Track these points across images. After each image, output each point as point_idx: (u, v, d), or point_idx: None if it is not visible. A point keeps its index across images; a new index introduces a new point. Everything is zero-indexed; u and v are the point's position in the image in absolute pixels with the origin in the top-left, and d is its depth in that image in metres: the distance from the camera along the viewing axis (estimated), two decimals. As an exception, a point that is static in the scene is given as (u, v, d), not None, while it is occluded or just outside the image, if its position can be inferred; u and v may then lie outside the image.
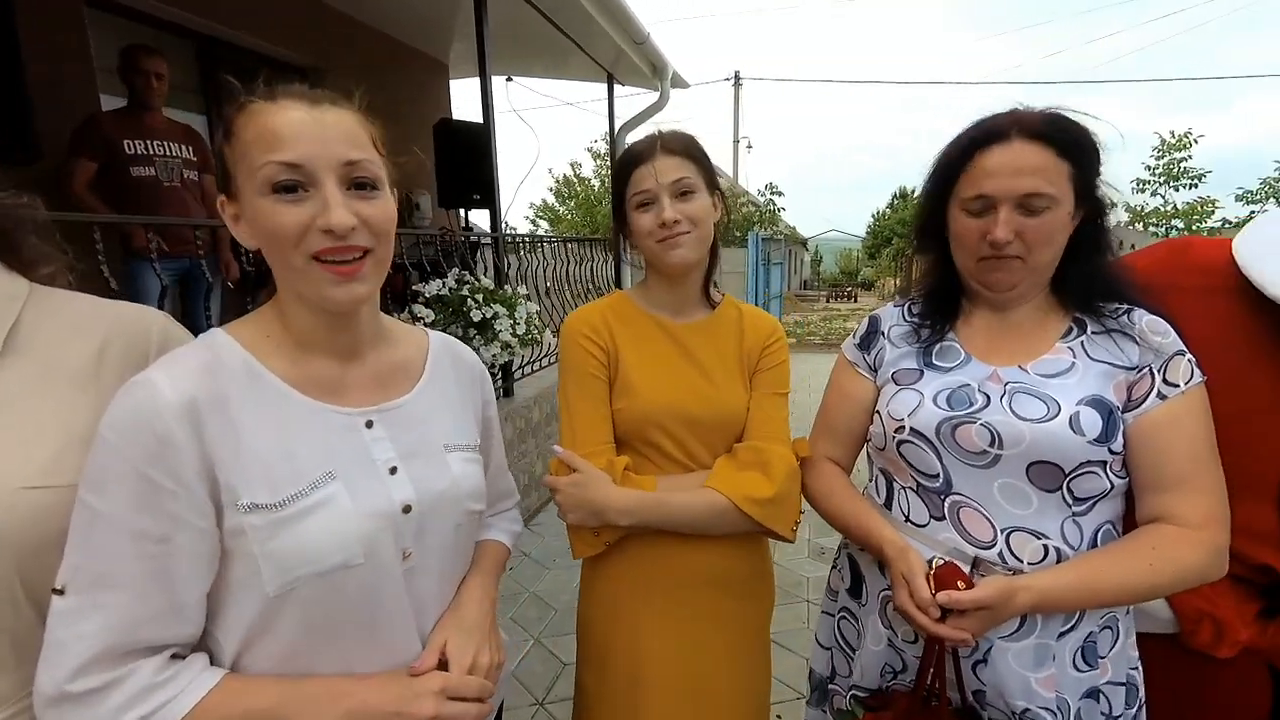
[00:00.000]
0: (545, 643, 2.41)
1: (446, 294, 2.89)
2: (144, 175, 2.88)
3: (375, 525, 0.68)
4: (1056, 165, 0.85)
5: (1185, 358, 0.85)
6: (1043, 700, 0.86)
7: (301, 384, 0.70)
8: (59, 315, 0.70)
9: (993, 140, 0.87)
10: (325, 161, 0.64)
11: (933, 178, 0.96)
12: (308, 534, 0.64)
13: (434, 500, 0.74)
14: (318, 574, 0.64)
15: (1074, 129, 0.87)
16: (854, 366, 1.09)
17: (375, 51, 4.97)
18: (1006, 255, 0.87)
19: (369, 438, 0.72)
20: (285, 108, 0.64)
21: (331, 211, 0.63)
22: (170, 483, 0.60)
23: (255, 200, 0.64)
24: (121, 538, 0.59)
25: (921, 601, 0.83)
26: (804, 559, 3.04)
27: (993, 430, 0.87)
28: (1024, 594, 0.80)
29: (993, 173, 0.86)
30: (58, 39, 2.98)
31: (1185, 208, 10.52)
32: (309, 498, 0.65)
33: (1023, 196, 0.85)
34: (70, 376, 0.67)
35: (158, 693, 0.59)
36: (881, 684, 1.00)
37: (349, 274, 0.66)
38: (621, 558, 1.07)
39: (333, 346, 0.73)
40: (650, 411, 1.03)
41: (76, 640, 0.57)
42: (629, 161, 1.04)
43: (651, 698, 1.03)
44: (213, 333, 0.70)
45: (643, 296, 1.12)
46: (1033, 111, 0.88)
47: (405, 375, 0.80)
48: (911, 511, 0.96)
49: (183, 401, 0.61)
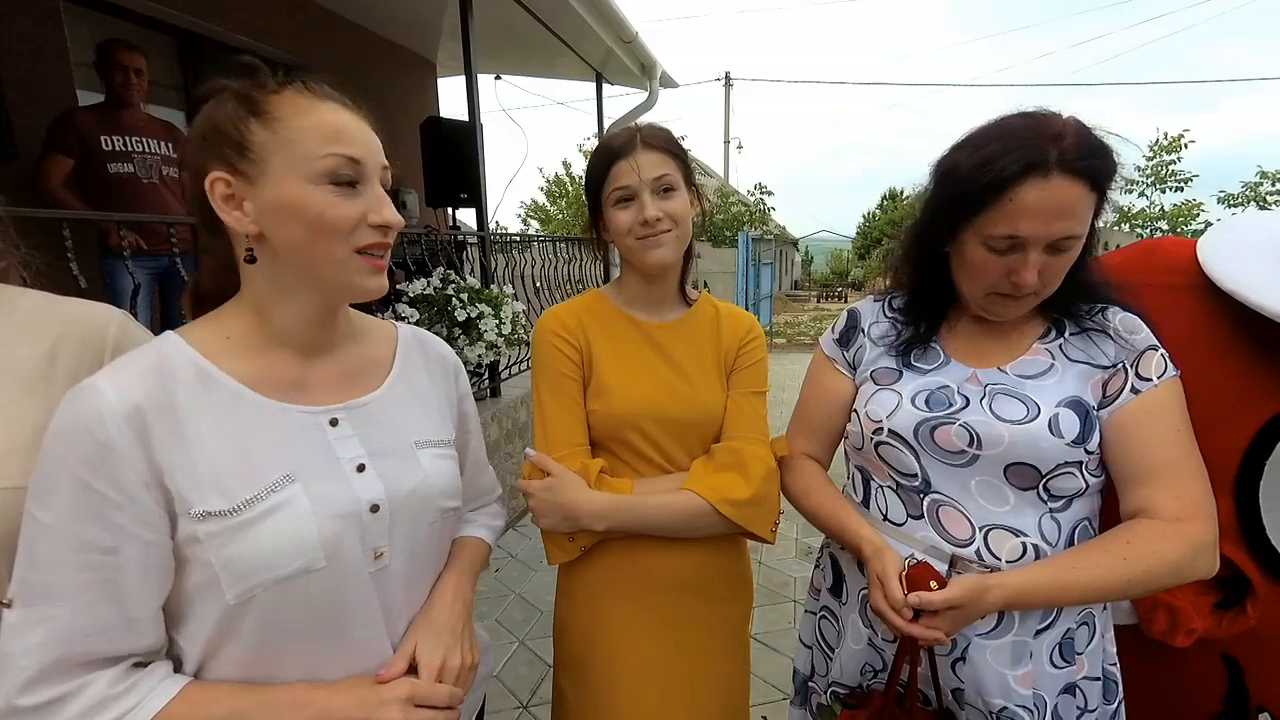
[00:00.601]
0: (530, 645, 2.39)
1: (431, 293, 2.86)
2: (122, 172, 2.83)
3: (338, 527, 0.67)
4: (1088, 200, 0.79)
5: (1158, 352, 0.85)
6: (1020, 698, 0.86)
7: (259, 384, 0.68)
8: (9, 312, 0.68)
9: (1031, 172, 0.77)
10: (374, 163, 0.69)
11: (952, 199, 0.85)
12: (264, 540, 0.62)
13: (404, 498, 0.73)
14: (276, 580, 0.63)
15: (1109, 159, 0.80)
16: (832, 363, 1.08)
17: (360, 48, 4.92)
18: (1025, 294, 0.84)
19: (333, 436, 0.71)
20: (336, 109, 0.68)
21: (386, 209, 0.68)
22: (114, 492, 0.58)
23: (300, 187, 0.64)
24: (65, 549, 0.58)
25: (894, 602, 0.82)
26: (791, 559, 3.04)
27: (972, 431, 0.87)
28: (996, 592, 0.80)
29: (1029, 214, 0.78)
30: (34, 34, 2.92)
31: (1171, 210, 10.64)
32: (265, 502, 0.63)
33: (1056, 241, 0.80)
34: (19, 377, 0.65)
35: (115, 704, 0.58)
36: (862, 683, 1.00)
37: (381, 267, 0.70)
38: (598, 562, 1.05)
39: (307, 342, 0.72)
40: (625, 412, 1.02)
41: (23, 654, 0.56)
42: (608, 155, 1.00)
43: (628, 702, 1.02)
44: (164, 336, 0.68)
45: (618, 295, 1.11)
46: (1071, 134, 0.78)
47: (374, 370, 0.79)
48: (889, 510, 0.95)
49: (127, 408, 0.59)
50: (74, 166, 2.73)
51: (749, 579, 1.16)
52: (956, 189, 0.83)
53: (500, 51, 5.16)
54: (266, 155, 0.64)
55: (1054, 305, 0.91)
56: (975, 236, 0.83)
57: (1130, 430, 0.83)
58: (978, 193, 0.80)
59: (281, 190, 0.64)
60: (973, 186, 0.80)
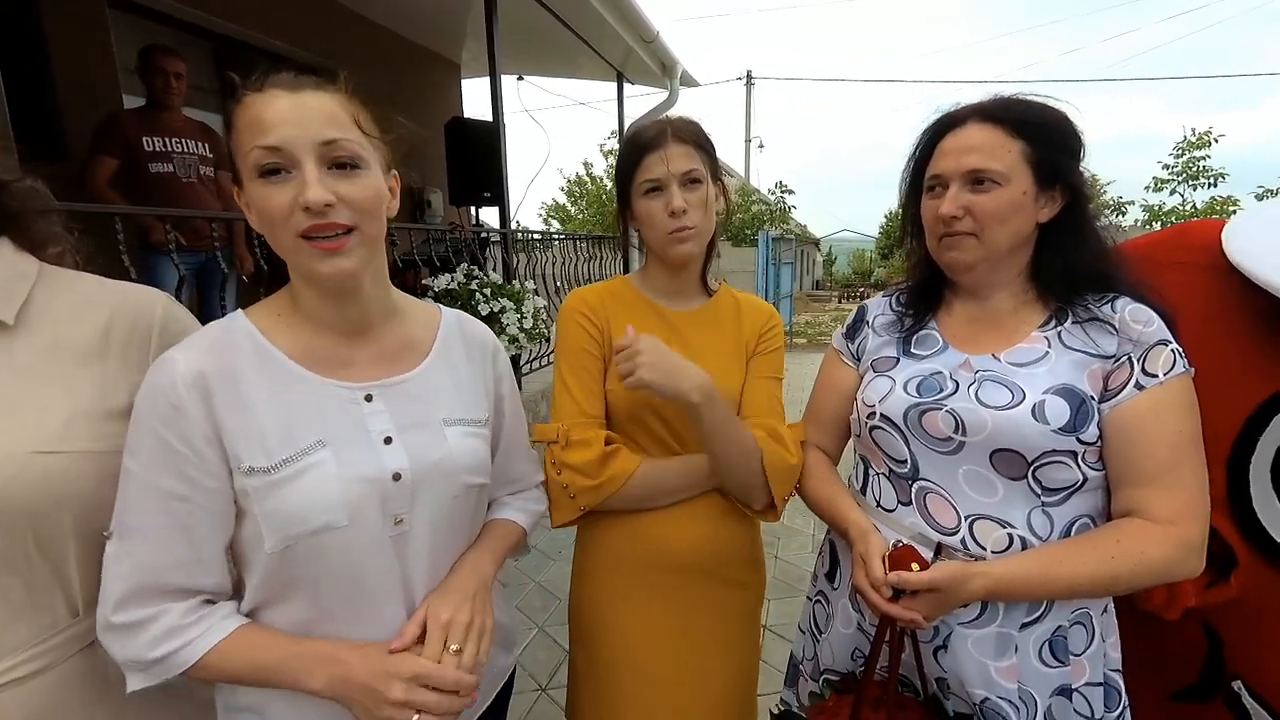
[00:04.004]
0: (549, 631, 2.45)
1: (455, 288, 2.93)
2: (163, 171, 2.95)
3: (360, 490, 0.72)
4: (1006, 142, 0.87)
5: (1168, 348, 0.83)
6: (1003, 690, 0.85)
7: (306, 359, 0.75)
8: (67, 294, 0.73)
9: (951, 126, 0.92)
10: (304, 143, 0.67)
11: (906, 169, 1.00)
12: (295, 495, 0.69)
13: (427, 469, 0.77)
14: (307, 533, 0.70)
15: (1029, 109, 0.89)
16: (839, 355, 1.11)
17: (388, 51, 5.03)
18: (958, 232, 0.89)
19: (367, 410, 0.76)
20: (271, 96, 0.68)
21: (308, 189, 0.66)
22: (184, 447, 0.67)
23: (250, 185, 0.69)
24: (148, 495, 0.67)
25: (875, 580, 0.84)
26: (807, 554, 3.05)
27: (957, 417, 0.87)
28: (979, 579, 0.80)
29: (945, 153, 0.91)
30: (83, 40, 3.05)
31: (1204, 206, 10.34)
32: (299, 462, 0.70)
33: (968, 172, 0.87)
34: (77, 352, 0.71)
35: (182, 634, 0.67)
36: (853, 668, 1.01)
37: (332, 249, 0.69)
38: (609, 541, 1.09)
39: (339, 323, 0.77)
40: (642, 395, 1.04)
41: (115, 580, 0.67)
42: (639, 147, 1.03)
43: (635, 678, 1.05)
44: (233, 315, 0.76)
45: (643, 283, 1.14)
46: (991, 97, 0.92)
47: (413, 351, 0.84)
48: (882, 497, 0.97)
49: (193, 374, 0.68)
50: (118, 167, 2.85)
51: (760, 564, 1.18)
52: (910, 161, 1.00)
53: (522, 52, 5.23)
54: (238, 164, 0.70)
55: (1058, 294, 0.91)
56: (924, 194, 0.96)
57: (1130, 429, 0.81)
58: (920, 152, 0.97)
59: (247, 191, 0.70)
60: (916, 149, 0.98)
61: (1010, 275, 0.94)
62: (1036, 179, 0.87)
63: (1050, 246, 0.92)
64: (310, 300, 0.75)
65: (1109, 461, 0.85)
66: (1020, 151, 0.86)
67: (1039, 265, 0.93)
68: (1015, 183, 0.86)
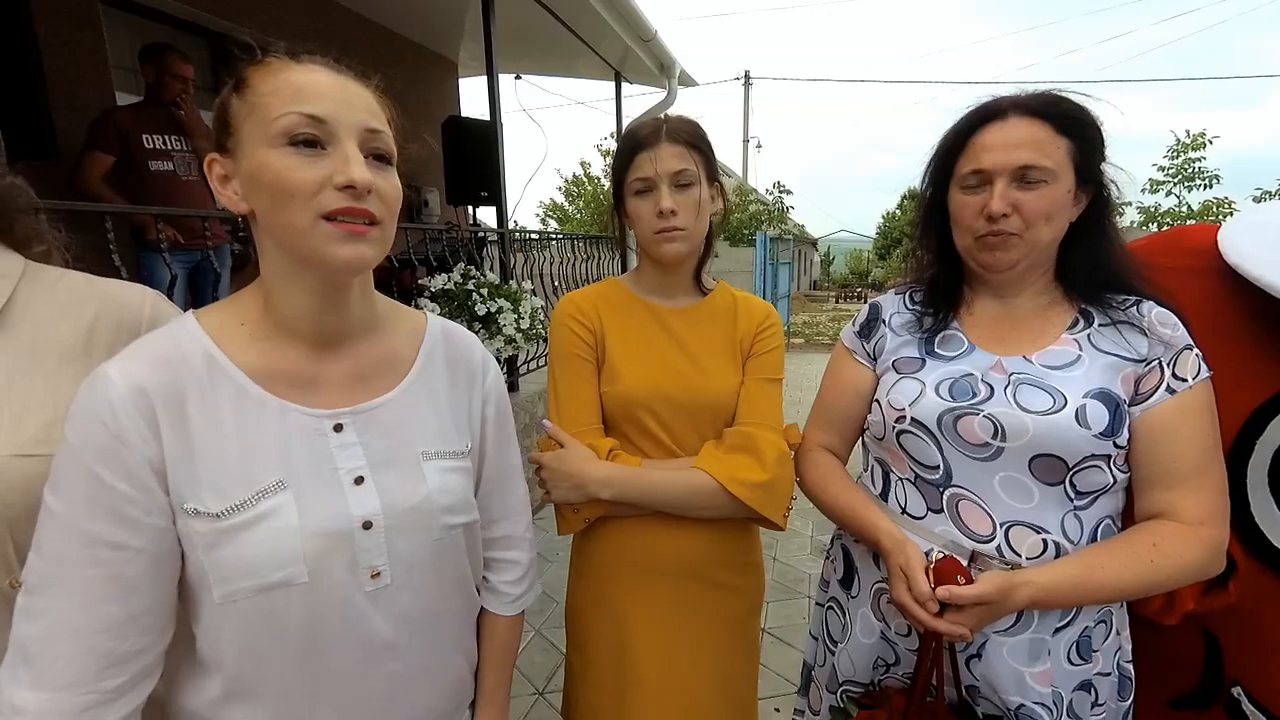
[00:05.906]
0: (546, 634, 2.44)
1: (452, 288, 2.91)
2: (163, 169, 2.93)
3: (323, 545, 0.63)
4: (1054, 140, 0.85)
5: (1194, 352, 0.84)
6: (1038, 695, 0.85)
7: (267, 378, 0.65)
8: (52, 292, 0.71)
9: (990, 119, 0.88)
10: (349, 122, 0.61)
11: (933, 161, 0.97)
12: (248, 547, 0.60)
13: (402, 515, 0.69)
14: (259, 589, 0.61)
15: (1072, 106, 0.87)
16: (852, 354, 1.08)
17: (385, 49, 5.01)
18: (1004, 231, 0.86)
19: (335, 443, 0.67)
20: (310, 68, 0.62)
21: (352, 167, 0.59)
22: (125, 485, 0.57)
23: (263, 153, 0.59)
24: (72, 539, 0.57)
25: (920, 595, 0.81)
26: (805, 555, 3.04)
27: (995, 422, 0.85)
28: (1024, 589, 0.79)
29: (989, 148, 0.87)
30: (74, 37, 3.03)
31: (1200, 208, 10.37)
32: (254, 508, 0.61)
33: (1019, 169, 0.84)
34: (60, 352, 0.69)
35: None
36: (874, 677, 0.99)
37: (359, 232, 0.61)
38: (604, 543, 1.08)
39: (315, 331, 0.67)
40: (635, 395, 1.04)
41: (30, 642, 0.56)
42: (632, 145, 1.02)
43: (632, 682, 1.04)
44: (183, 319, 0.66)
45: (635, 282, 1.14)
46: (1030, 93, 0.89)
47: (391, 369, 0.73)
48: (909, 503, 0.94)
49: (135, 396, 0.58)
50: (114, 164, 2.83)
51: (759, 569, 1.17)
52: (938, 152, 0.96)
53: (520, 51, 5.22)
54: (239, 125, 0.61)
55: (1083, 294, 0.91)
56: (955, 187, 0.92)
57: (1162, 432, 0.82)
58: (951, 144, 0.93)
59: (250, 159, 0.60)
60: (947, 141, 0.94)
61: (1038, 274, 0.93)
62: (1076, 177, 0.86)
63: (1077, 246, 0.91)
64: (289, 299, 0.65)
65: (1137, 464, 0.85)
66: (1067, 149, 0.85)
67: (1065, 265, 0.92)
68: (1062, 181, 0.85)
